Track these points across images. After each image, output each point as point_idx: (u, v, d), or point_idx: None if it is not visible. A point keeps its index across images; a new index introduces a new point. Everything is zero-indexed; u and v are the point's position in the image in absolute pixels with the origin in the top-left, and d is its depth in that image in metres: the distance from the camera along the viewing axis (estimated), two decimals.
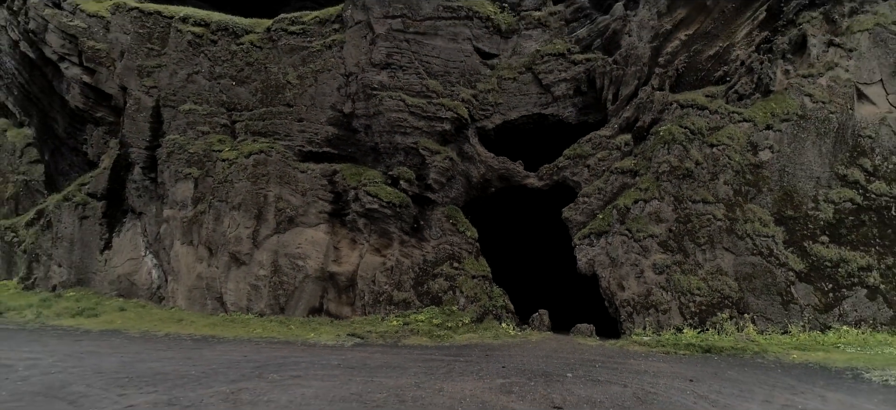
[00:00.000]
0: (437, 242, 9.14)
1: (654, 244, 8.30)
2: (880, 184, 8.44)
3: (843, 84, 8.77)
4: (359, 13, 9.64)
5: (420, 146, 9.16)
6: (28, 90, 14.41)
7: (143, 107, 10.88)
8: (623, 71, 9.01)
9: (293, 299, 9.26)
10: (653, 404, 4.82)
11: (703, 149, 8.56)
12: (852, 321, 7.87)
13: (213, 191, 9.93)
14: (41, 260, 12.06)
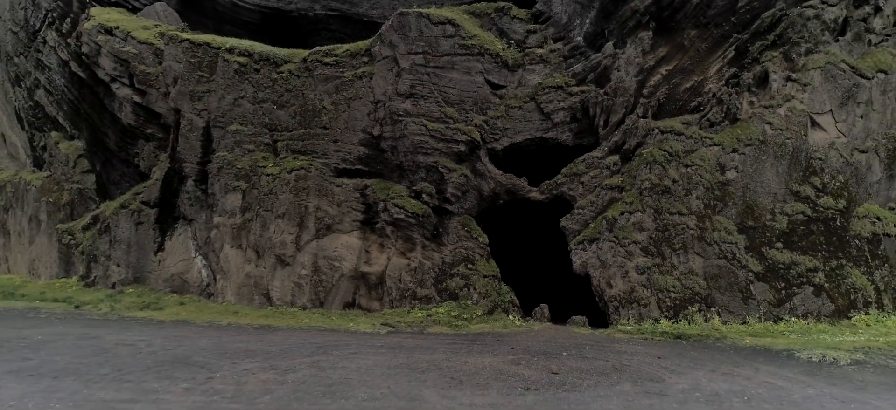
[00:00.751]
0: (453, 247, 10.85)
1: (636, 249, 10.00)
2: (827, 199, 10.15)
3: (799, 114, 10.46)
4: (386, 49, 11.33)
5: (439, 164, 10.87)
6: (77, 106, 16.10)
7: (194, 127, 12.58)
8: (612, 101, 10.71)
9: (331, 295, 10.98)
10: (625, 371, 6.53)
11: (679, 168, 10.27)
12: (800, 314, 9.58)
13: (260, 202, 11.64)
14: (100, 261, 13.76)
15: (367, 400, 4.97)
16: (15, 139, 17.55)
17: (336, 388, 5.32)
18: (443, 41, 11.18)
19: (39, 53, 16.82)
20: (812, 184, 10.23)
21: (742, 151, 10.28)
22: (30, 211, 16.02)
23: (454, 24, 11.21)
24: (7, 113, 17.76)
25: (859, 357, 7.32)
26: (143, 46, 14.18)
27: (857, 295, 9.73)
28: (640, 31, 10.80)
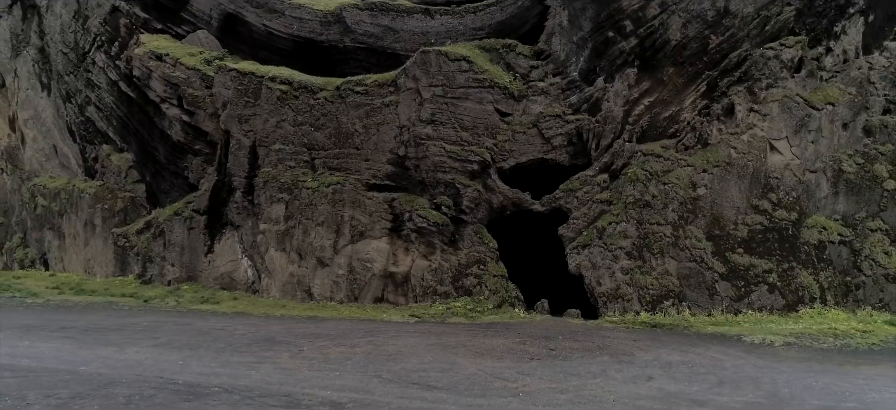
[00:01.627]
0: (468, 251, 13.00)
1: (622, 253, 12.15)
2: (782, 212, 12.30)
3: (759, 139, 12.60)
4: (410, 82, 13.47)
5: (456, 181, 13.02)
6: (126, 122, 18.25)
7: (242, 146, 14.71)
8: (603, 128, 12.85)
9: (364, 291, 13.14)
10: (606, 349, 8.68)
11: (658, 185, 12.41)
12: (756, 307, 11.73)
13: (301, 212, 13.79)
14: (155, 261, 15.92)
15: (420, 364, 7.09)
16: (66, 150, 19.64)
17: (394, 357, 7.46)
18: (458, 75, 13.32)
19: (89, 73, 18.96)
20: (769, 199, 12.38)
21: (711, 171, 12.42)
22: (84, 216, 18.16)
23: (468, 61, 13.35)
24: (59, 127, 19.84)
25: (791, 340, 9.48)
26: (190, 71, 16.32)
27: (804, 292, 11.89)
28: (626, 69, 12.94)
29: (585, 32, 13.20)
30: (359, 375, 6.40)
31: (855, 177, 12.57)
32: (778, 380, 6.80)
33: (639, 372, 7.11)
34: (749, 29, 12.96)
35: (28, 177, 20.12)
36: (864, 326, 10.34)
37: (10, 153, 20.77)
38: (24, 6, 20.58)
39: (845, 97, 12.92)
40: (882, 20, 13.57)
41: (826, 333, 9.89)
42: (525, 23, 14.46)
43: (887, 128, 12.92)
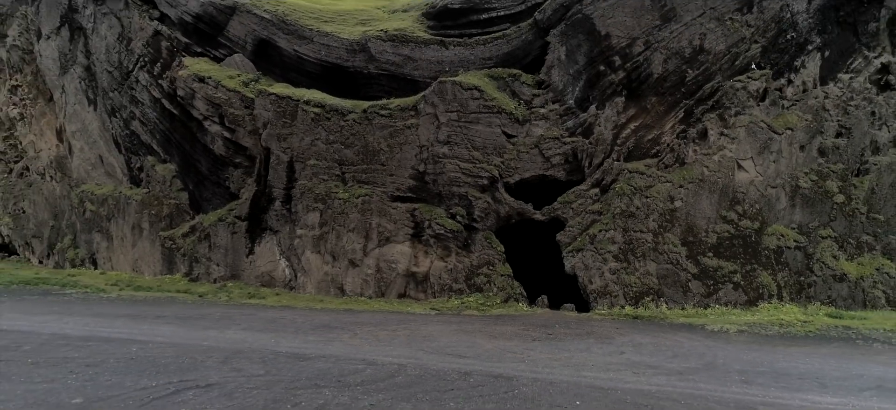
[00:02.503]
0: (479, 253, 15.42)
1: (610, 256, 14.57)
2: (746, 221, 14.71)
3: (728, 159, 15.01)
4: (429, 107, 15.88)
5: (468, 194, 15.44)
6: (169, 136, 20.63)
7: (281, 161, 17.12)
8: (595, 149, 15.26)
9: (389, 288, 15.56)
10: (593, 334, 11.09)
11: (642, 199, 14.82)
12: (723, 303, 14.13)
13: (334, 219, 16.20)
14: (201, 261, 18.33)
15: (448, 343, 9.48)
16: (112, 160, 22.02)
17: (427, 338, 9.86)
18: (471, 102, 15.72)
19: (133, 90, 21.33)
20: (735, 211, 14.80)
21: (686, 186, 14.84)
22: (132, 220, 20.56)
23: (479, 90, 15.75)
24: (105, 138, 22.21)
25: (744, 328, 11.89)
26: (231, 93, 18.70)
27: (763, 290, 14.31)
28: (615, 98, 15.35)
29: (580, 66, 15.62)
30: (407, 349, 8.77)
31: (809, 192, 14.98)
32: (718, 355, 9.21)
33: (614, 349, 9.50)
34: (721, 63, 15.39)
35: (76, 184, 22.51)
36: (807, 317, 12.76)
37: (59, 162, 23.14)
38: (71, 28, 22.95)
39: (803, 122, 15.33)
40: (836, 56, 15.97)
41: (774, 323, 12.31)
42: (528, 54, 16.86)
43: (838, 149, 15.33)
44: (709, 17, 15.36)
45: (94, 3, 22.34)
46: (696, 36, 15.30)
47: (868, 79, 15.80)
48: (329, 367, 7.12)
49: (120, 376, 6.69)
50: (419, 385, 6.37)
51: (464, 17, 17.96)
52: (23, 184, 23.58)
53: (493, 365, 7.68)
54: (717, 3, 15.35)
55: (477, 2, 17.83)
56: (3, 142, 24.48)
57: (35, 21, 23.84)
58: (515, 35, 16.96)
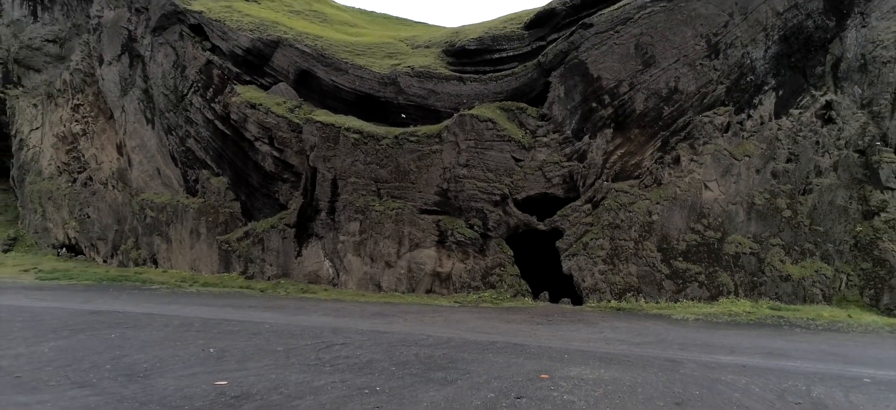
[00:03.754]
0: (492, 257, 19.22)
1: (599, 260, 18.37)
2: (711, 232, 18.50)
3: (697, 181, 18.80)
4: (451, 136, 19.66)
5: (484, 208, 19.23)
6: (221, 153, 24.40)
7: (326, 179, 20.91)
8: (587, 171, 19.05)
9: (418, 285, 19.38)
10: (582, 321, 14.88)
11: (625, 213, 18.61)
12: (690, 298, 17.93)
13: (372, 228, 20.00)
14: (255, 261, 22.13)
15: (475, 325, 13.24)
16: (169, 173, 25.80)
17: (458, 323, 13.63)
18: (486, 132, 19.50)
19: (187, 112, 25.11)
20: (702, 223, 18.59)
21: (662, 203, 18.62)
22: (190, 226, 24.36)
23: (493, 122, 19.53)
24: (162, 153, 25.98)
25: (700, 317, 15.67)
26: (279, 118, 22.48)
27: (723, 287, 18.09)
28: (605, 129, 19.13)
29: (576, 103, 19.41)
30: (446, 328, 12.54)
31: (762, 208, 18.77)
32: (671, 334, 12.99)
33: (596, 330, 13.30)
34: (692, 101, 19.16)
35: (136, 193, 26.30)
36: (754, 310, 16.56)
37: (121, 173, 26.94)
38: (130, 56, 26.73)
39: (759, 150, 19.11)
40: (789, 94, 19.73)
41: (726, 313, 16.11)
42: (533, 90, 20.62)
43: (787, 172, 19.11)
44: (682, 63, 19.13)
45: (151, 34, 26.12)
46: (671, 78, 19.07)
47: (814, 114, 19.56)
48: (403, 337, 10.82)
49: (287, 338, 10.31)
50: (465, 347, 10.07)
51: (479, 56, 21.75)
52: (87, 193, 27.36)
53: (509, 339, 11.42)
54: (690, 52, 19.12)
55: (490, 43, 21.63)
56: (66, 155, 28.26)
57: (97, 48, 27.61)
58: (522, 73, 20.74)
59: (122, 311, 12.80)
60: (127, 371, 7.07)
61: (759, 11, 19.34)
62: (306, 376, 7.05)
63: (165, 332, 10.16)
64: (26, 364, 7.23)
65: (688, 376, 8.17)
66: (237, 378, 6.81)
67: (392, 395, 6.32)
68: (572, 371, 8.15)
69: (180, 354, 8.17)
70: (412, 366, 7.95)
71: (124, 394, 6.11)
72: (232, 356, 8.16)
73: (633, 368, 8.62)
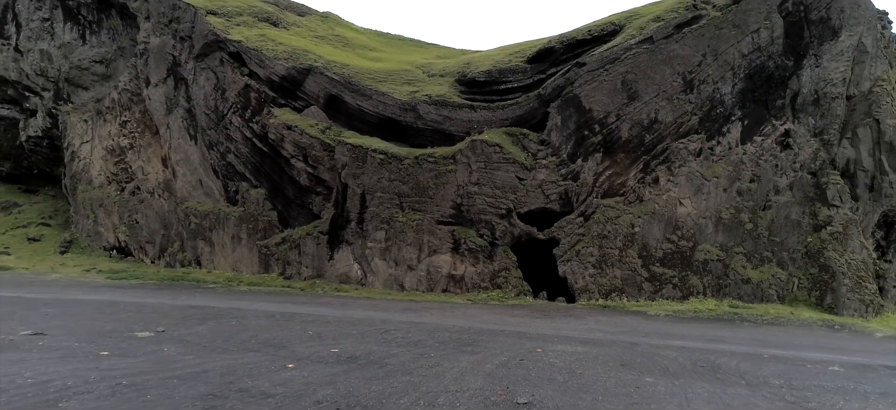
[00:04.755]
0: (499, 262, 23.16)
1: (589, 265, 22.29)
2: (684, 242, 22.40)
3: (673, 199, 22.70)
4: (464, 158, 23.58)
5: (492, 220, 23.17)
6: (259, 167, 28.31)
7: (355, 193, 24.83)
8: (580, 189, 22.97)
9: (436, 285, 23.32)
10: (572, 315, 18.79)
11: (612, 225, 22.53)
12: (665, 298, 21.84)
13: (396, 236, 23.93)
14: (292, 264, 26.06)
15: (487, 319, 17.12)
16: (210, 184, 29.70)
17: (474, 316, 17.54)
18: (493, 155, 23.41)
19: (227, 130, 29.00)
20: (676, 234, 22.49)
21: (643, 217, 22.52)
22: (231, 232, 28.28)
23: (500, 146, 23.43)
24: (204, 166, 29.88)
25: (671, 314, 19.59)
26: (313, 139, 26.38)
27: (693, 289, 22.00)
28: (595, 154, 23.03)
29: (571, 130, 23.31)
30: (465, 320, 16.42)
31: (728, 222, 22.67)
32: (642, 326, 16.87)
33: (583, 322, 17.20)
34: (670, 130, 23.05)
35: (180, 202, 30.21)
36: (716, 307, 20.47)
37: (166, 184, 30.86)
38: (175, 78, 30.61)
39: (726, 172, 23.00)
40: (752, 124, 23.61)
41: (692, 310, 20.04)
42: (534, 117, 24.52)
43: (750, 191, 23.01)
44: (661, 97, 23.02)
45: (194, 60, 30.01)
46: (652, 110, 22.97)
47: (774, 141, 23.45)
48: (435, 326, 14.67)
49: (353, 326, 14.15)
50: (482, 333, 13.92)
51: (487, 87, 25.66)
52: (135, 200, 31.29)
53: (514, 328, 15.29)
54: (668, 87, 23.02)
55: (497, 75, 25.53)
56: (115, 166, 32.17)
57: (144, 71, 31.49)
58: (525, 103, 24.64)
59: (213, 306, 16.67)
60: (268, 343, 10.84)
61: (727, 53, 23.22)
62: (383, 347, 10.87)
63: (264, 321, 13.95)
64: (204, 340, 10.97)
65: (639, 351, 12.02)
66: (342, 348, 10.63)
67: (441, 358, 10.14)
68: (559, 347, 12.00)
69: (291, 335, 11.95)
70: (448, 344, 11.78)
71: (284, 355, 9.84)
72: (326, 336, 11.96)
73: (601, 346, 12.50)
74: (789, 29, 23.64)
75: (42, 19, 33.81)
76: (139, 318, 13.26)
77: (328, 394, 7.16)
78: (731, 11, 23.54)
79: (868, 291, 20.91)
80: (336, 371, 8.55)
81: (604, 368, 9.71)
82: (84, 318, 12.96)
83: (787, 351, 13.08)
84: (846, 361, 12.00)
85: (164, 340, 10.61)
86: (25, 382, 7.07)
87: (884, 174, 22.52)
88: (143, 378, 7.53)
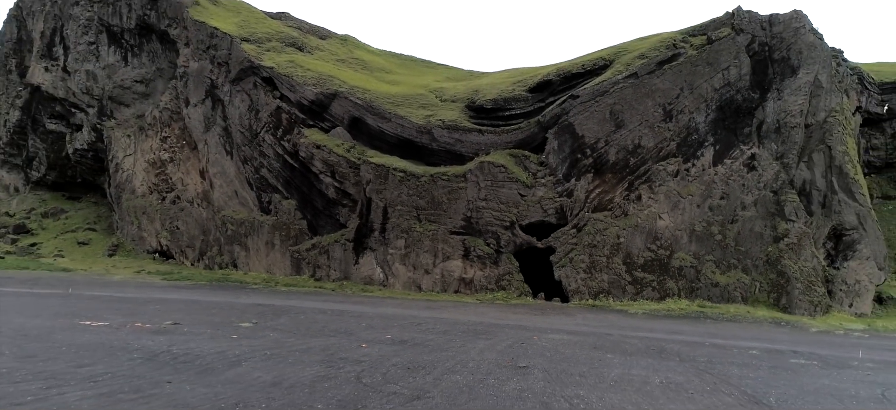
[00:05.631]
0: (503, 267, 27.53)
1: (581, 270, 26.66)
2: (662, 251, 26.75)
3: (653, 213, 27.04)
4: (473, 177, 27.95)
5: (497, 231, 27.54)
6: (290, 181, 32.66)
7: (378, 206, 29.18)
8: (574, 205, 27.34)
9: (449, 287, 27.69)
10: (566, 312, 23.14)
11: (600, 236, 26.88)
12: (645, 299, 26.19)
13: (414, 244, 28.29)
14: (322, 267, 30.41)
15: (495, 316, 21.44)
16: (245, 195, 34.04)
17: (483, 313, 21.86)
18: (499, 174, 27.76)
19: (260, 147, 33.34)
20: (656, 244, 26.84)
21: (627, 229, 26.87)
22: (265, 238, 32.62)
23: (505, 167, 27.79)
24: (239, 179, 34.22)
25: (649, 312, 23.94)
26: (340, 157, 30.72)
27: (669, 291, 26.35)
28: (587, 174, 27.38)
29: (566, 154, 27.65)
30: (476, 316, 20.72)
31: (701, 233, 27.02)
32: (621, 321, 21.20)
33: (573, 319, 21.53)
34: (651, 154, 27.40)
35: (218, 210, 34.55)
36: (687, 307, 24.83)
37: (204, 194, 35.21)
38: (213, 99, 34.93)
39: (699, 190, 27.34)
40: (723, 149, 27.93)
41: (666, 310, 24.41)
42: (534, 141, 28.85)
43: (720, 207, 27.35)
44: (644, 125, 27.35)
45: (230, 83, 34.34)
46: (636, 137, 27.30)
47: (742, 164, 27.77)
48: (455, 320, 18.96)
49: (392, 320, 18.48)
50: (492, 326, 18.20)
51: (494, 113, 30.00)
52: (176, 209, 35.64)
53: (516, 322, 19.59)
54: (650, 117, 27.35)
55: (502, 103, 29.87)
56: (156, 177, 36.52)
57: (183, 92, 35.81)
58: (527, 128, 28.97)
59: (274, 304, 21.01)
60: (338, 332, 14.98)
61: (701, 87, 27.55)
62: (421, 335, 15.14)
63: (324, 316, 18.19)
64: (291, 329, 15.22)
65: (610, 339, 16.31)
66: (393, 335, 14.88)
67: (465, 342, 14.40)
68: (550, 336, 16.32)
69: (351, 326, 16.20)
70: (467, 333, 16.07)
71: (354, 339, 14.06)
72: (377, 327, 16.22)
73: (582, 335, 16.82)
74: (755, 66, 27.96)
75: (88, 43, 38.12)
76: (230, 313, 17.63)
77: (398, 361, 11.49)
78: (705, 51, 27.87)
79: (817, 294, 25.28)
80: (395, 349, 12.90)
81: (580, 349, 14.07)
82: (189, 312, 17.34)
83: (727, 341, 17.43)
84: (768, 347, 16.35)
85: (263, 329, 14.97)
86: (207, 351, 11.41)
87: (834, 193, 26.87)
88: (275, 351, 11.87)
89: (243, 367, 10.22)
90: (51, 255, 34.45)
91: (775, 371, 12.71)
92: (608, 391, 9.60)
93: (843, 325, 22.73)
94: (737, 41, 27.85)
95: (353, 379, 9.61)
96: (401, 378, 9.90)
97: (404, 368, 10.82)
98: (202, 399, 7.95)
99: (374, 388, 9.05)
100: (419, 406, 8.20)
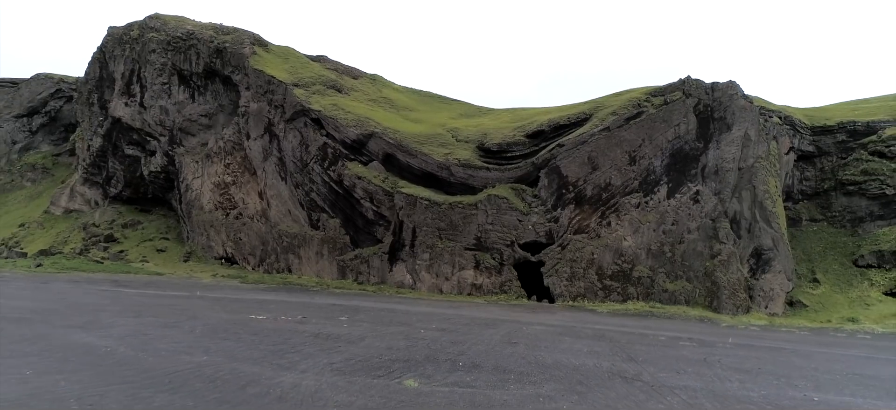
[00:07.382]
0: (505, 276, 37.65)
1: (564, 279, 36.76)
2: (626, 265, 36.81)
3: (620, 235, 37.09)
4: (483, 205, 38.06)
5: (501, 248, 37.66)
6: (335, 204, 42.73)
7: (408, 228, 39.27)
8: (559, 228, 37.45)
9: (463, 291, 37.83)
10: (551, 312, 33.24)
11: (579, 253, 36.97)
12: (612, 302, 36.26)
13: (437, 257, 38.40)
14: (363, 274, 40.49)
15: (499, 313, 31.43)
16: (297, 213, 44.08)
17: (491, 311, 31.91)
18: (502, 204, 37.84)
19: (310, 175, 43.38)
20: (621, 260, 36.92)
21: (600, 248, 36.93)
22: (315, 249, 42.67)
23: (507, 199, 37.87)
24: (292, 201, 44.24)
25: (612, 311, 34.05)
26: (377, 187, 40.77)
27: (630, 296, 36.40)
28: (569, 205, 37.46)
29: (553, 189, 37.73)
30: (486, 314, 30.67)
31: (656, 252, 37.08)
32: (590, 317, 31.22)
33: (556, 316, 31.53)
34: (619, 190, 37.48)
35: (274, 225, 44.60)
36: (641, 307, 34.95)
37: (263, 212, 45.27)
38: (270, 134, 44.93)
39: (655, 218, 37.39)
40: (675, 186, 37.95)
41: (625, 310, 34.53)
42: (530, 177, 38.90)
43: (672, 232, 37.43)
44: (614, 168, 37.40)
45: (285, 122, 44.36)
46: (608, 176, 37.36)
47: (689, 198, 37.79)
48: (471, 317, 28.81)
49: (429, 313, 28.32)
50: (496, 320, 28.03)
51: (498, 154, 40.08)
52: (238, 223, 45.69)
53: (514, 318, 29.53)
54: (618, 162, 37.39)
55: (506, 147, 39.95)
56: (220, 197, 46.55)
57: (245, 128, 45.80)
58: (524, 167, 39.03)
59: (341, 304, 31.04)
60: (401, 323, 24.98)
61: (658, 139, 37.57)
62: (451, 326, 25.00)
63: (384, 314, 28.25)
64: (374, 322, 25.20)
65: (574, 329, 26.25)
66: (436, 326, 24.81)
67: (480, 330, 24.30)
68: (534, 327, 26.29)
69: (405, 320, 26.10)
70: (481, 325, 26.01)
71: (412, 328, 23.99)
72: (423, 321, 26.19)
73: (556, 326, 26.81)
74: (700, 123, 37.94)
75: (162, 83, 48.06)
76: (321, 311, 27.79)
77: (445, 340, 21.52)
78: (662, 109, 37.86)
79: (740, 298, 35.38)
80: (441, 333, 22.97)
81: (552, 334, 24.21)
82: (298, 311, 27.46)
83: (652, 331, 27.53)
84: (676, 336, 26.41)
85: (355, 322, 25.10)
86: (339, 334, 21.49)
87: (756, 222, 36.92)
88: (375, 332, 21.94)
89: (367, 341, 20.31)
90: (138, 260, 44.57)
91: (662, 348, 22.81)
92: (555, 353, 19.71)
93: (749, 321, 32.86)
94: (686, 103, 37.85)
95: (427, 347, 19.72)
96: (449, 346, 20.00)
97: (449, 342, 20.93)
98: (362, 352, 18.02)
99: (439, 350, 19.16)
100: (463, 358, 18.26)
